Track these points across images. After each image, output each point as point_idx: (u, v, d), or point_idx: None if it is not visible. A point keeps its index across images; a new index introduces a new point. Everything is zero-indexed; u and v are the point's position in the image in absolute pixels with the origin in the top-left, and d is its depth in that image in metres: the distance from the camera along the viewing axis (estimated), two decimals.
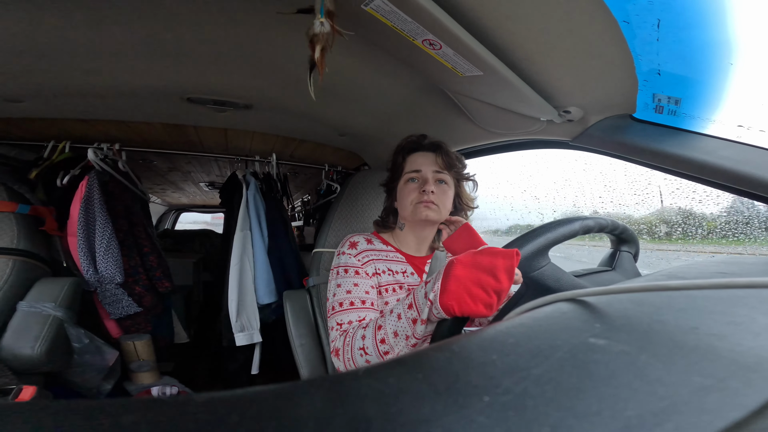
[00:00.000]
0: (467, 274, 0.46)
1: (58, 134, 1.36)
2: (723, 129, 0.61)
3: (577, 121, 0.77)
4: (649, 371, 0.17)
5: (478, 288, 0.45)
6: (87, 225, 1.27)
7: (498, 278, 0.45)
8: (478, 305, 0.44)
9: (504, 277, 0.45)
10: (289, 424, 0.13)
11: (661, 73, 0.57)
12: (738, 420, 0.13)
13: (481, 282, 0.45)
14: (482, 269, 0.46)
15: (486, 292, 0.45)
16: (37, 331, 0.99)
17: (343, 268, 0.76)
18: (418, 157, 0.81)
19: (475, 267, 0.46)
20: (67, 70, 0.89)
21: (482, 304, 0.44)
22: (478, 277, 0.45)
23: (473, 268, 0.46)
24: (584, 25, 0.52)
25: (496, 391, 0.16)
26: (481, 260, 0.46)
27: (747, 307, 0.26)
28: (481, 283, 0.45)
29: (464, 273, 0.46)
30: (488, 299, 0.44)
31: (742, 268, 0.41)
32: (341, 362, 0.64)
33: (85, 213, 1.27)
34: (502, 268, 0.45)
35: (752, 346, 0.19)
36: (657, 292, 0.29)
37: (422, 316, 0.50)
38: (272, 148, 1.69)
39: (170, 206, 4.19)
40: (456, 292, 0.45)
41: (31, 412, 0.13)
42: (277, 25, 0.72)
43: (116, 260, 1.28)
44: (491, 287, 0.45)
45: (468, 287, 0.45)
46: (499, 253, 0.46)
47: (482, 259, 0.46)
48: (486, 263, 0.46)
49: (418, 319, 0.51)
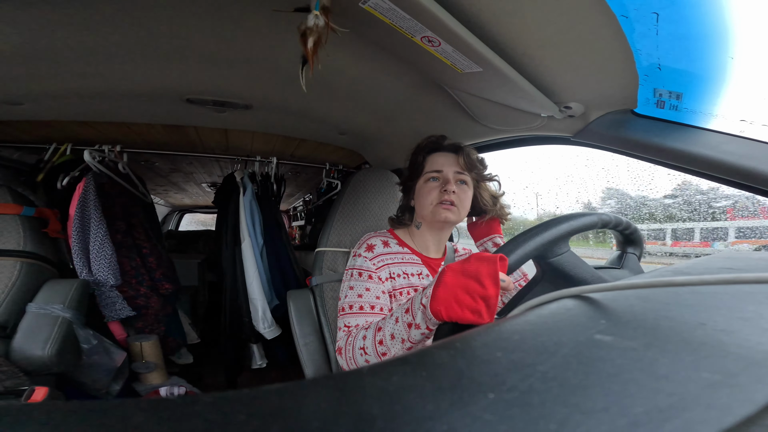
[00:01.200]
0: (455, 281, 0.47)
1: (60, 137, 1.37)
2: (725, 123, 0.60)
3: (578, 117, 0.77)
4: (656, 367, 0.17)
5: (464, 294, 0.46)
6: (82, 226, 1.28)
7: (483, 284, 0.45)
8: (465, 311, 0.45)
9: (489, 283, 0.45)
10: (295, 422, 0.13)
11: (662, 68, 0.57)
12: (748, 416, 0.13)
13: (467, 288, 0.46)
14: (469, 276, 0.47)
15: (472, 298, 0.45)
16: (47, 333, 1.01)
17: (357, 270, 0.77)
18: (439, 157, 0.81)
19: (462, 274, 0.48)
20: (67, 72, 0.90)
21: (468, 310, 0.45)
22: (465, 283, 0.47)
23: (461, 275, 0.48)
24: (583, 20, 0.52)
25: (501, 388, 0.15)
26: (468, 267, 0.47)
27: (755, 302, 0.25)
28: (468, 289, 0.46)
29: (452, 280, 0.48)
30: (474, 305, 0.45)
31: (748, 263, 0.40)
32: (344, 360, 0.67)
33: (81, 214, 1.28)
34: (486, 274, 0.46)
35: (761, 342, 0.19)
36: (664, 288, 0.28)
37: (416, 321, 0.52)
38: (273, 147, 1.69)
39: (173, 207, 4.21)
40: (444, 298, 0.47)
41: (45, 413, 0.13)
42: (276, 25, 0.72)
43: (109, 262, 1.28)
44: (477, 293, 0.45)
45: (455, 293, 0.46)
46: (485, 259, 0.47)
47: (469, 266, 0.48)
48: (472, 270, 0.47)
49: (413, 323, 0.53)
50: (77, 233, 1.25)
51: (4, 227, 1.13)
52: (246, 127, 1.46)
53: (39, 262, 1.16)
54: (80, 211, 1.28)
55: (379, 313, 0.73)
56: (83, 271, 1.25)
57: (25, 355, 0.97)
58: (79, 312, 1.13)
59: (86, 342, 1.12)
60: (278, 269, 1.66)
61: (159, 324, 1.51)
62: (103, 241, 1.28)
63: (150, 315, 1.48)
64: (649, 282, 0.26)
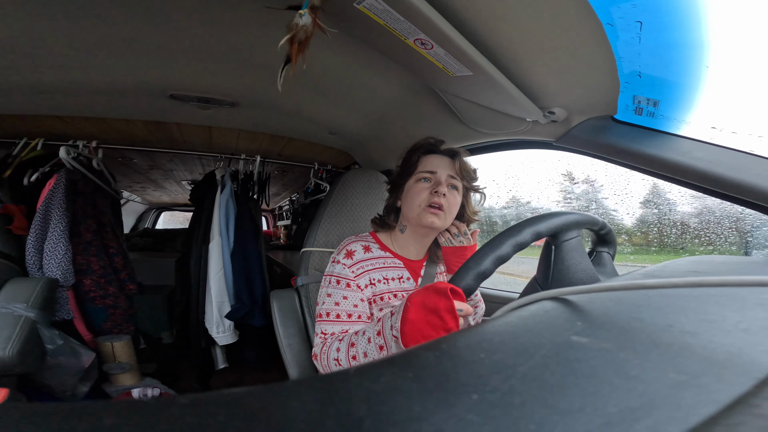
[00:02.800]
0: (419, 316, 0.49)
1: (33, 131, 1.30)
2: (697, 130, 0.63)
3: (560, 122, 0.79)
4: (628, 368, 0.18)
5: (429, 329, 0.47)
6: (43, 223, 1.23)
7: (443, 319, 0.47)
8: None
9: (448, 317, 0.46)
10: (279, 424, 0.13)
11: (642, 75, 0.59)
12: (711, 415, 0.14)
13: (430, 323, 0.47)
14: (429, 310, 0.48)
15: (436, 331, 0.47)
16: (8, 332, 0.96)
17: (335, 278, 0.76)
18: (434, 159, 0.80)
19: (424, 308, 0.49)
20: (42, 65, 0.85)
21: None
22: (427, 318, 0.48)
23: (423, 310, 0.49)
24: (571, 27, 0.53)
25: (485, 389, 0.16)
26: (428, 302, 0.48)
27: (718, 305, 0.27)
28: (431, 323, 0.47)
29: (415, 316, 0.49)
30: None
31: (713, 266, 0.43)
32: (320, 366, 0.70)
33: (44, 211, 1.23)
34: (444, 309, 0.47)
35: (723, 343, 0.20)
36: (635, 291, 0.30)
37: (391, 351, 0.54)
38: (259, 146, 1.66)
39: (150, 205, 4.06)
40: (411, 335, 0.48)
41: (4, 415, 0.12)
42: (264, 22, 0.71)
43: (59, 261, 1.23)
44: (440, 327, 0.47)
45: (421, 329, 0.48)
46: (441, 293, 0.47)
47: (428, 300, 0.48)
48: (431, 305, 0.48)
49: (384, 347, 0.56)
50: (36, 230, 1.21)
51: None
52: (231, 125, 1.42)
53: (2, 260, 1.12)
54: (44, 208, 1.23)
55: (356, 321, 0.73)
56: (34, 269, 1.21)
57: None
58: (44, 311, 1.09)
59: (51, 342, 1.08)
60: (244, 273, 1.56)
61: (128, 324, 1.47)
62: (59, 240, 1.23)
63: (118, 315, 1.44)
64: (622, 285, 0.27)
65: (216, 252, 1.49)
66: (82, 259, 1.34)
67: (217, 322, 1.46)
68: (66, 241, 1.25)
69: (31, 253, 1.20)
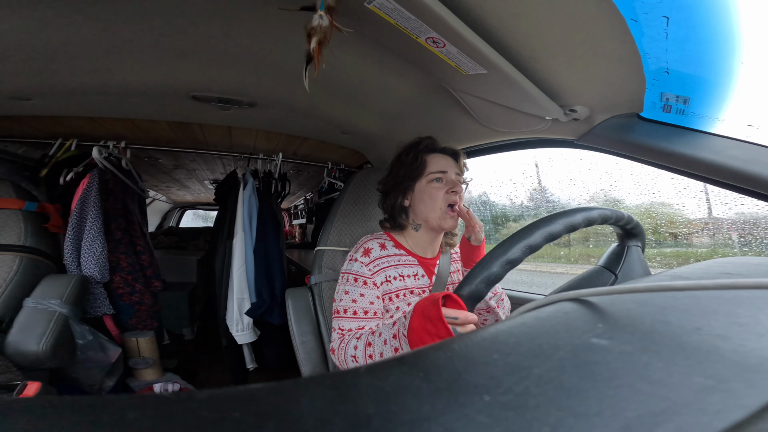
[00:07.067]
0: (420, 324, 0.52)
1: (66, 132, 1.37)
2: (732, 128, 0.60)
3: (582, 120, 0.76)
4: (650, 372, 0.17)
5: (428, 336, 0.51)
6: (79, 222, 1.28)
7: (437, 327, 0.50)
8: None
9: (440, 326, 0.49)
10: (290, 421, 0.13)
11: (670, 72, 0.56)
12: (738, 421, 0.13)
13: (428, 330, 0.51)
14: (427, 319, 0.51)
15: (432, 339, 0.50)
16: (42, 328, 1.01)
17: (353, 276, 0.78)
18: (440, 159, 0.82)
19: (423, 316, 0.52)
20: (74, 68, 0.90)
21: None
22: (425, 326, 0.52)
23: (422, 318, 0.52)
24: (591, 22, 0.52)
25: (497, 390, 0.16)
26: (426, 311, 0.52)
27: (752, 308, 0.25)
28: (428, 331, 0.51)
29: (417, 323, 0.53)
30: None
31: (747, 268, 0.40)
32: (337, 360, 0.72)
33: (80, 210, 1.29)
34: (436, 318, 0.50)
35: (756, 347, 0.19)
36: (661, 293, 0.28)
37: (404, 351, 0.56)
38: (276, 145, 1.69)
39: (175, 204, 4.22)
40: (415, 341, 0.53)
41: (35, 408, 0.13)
42: (281, 24, 0.72)
43: (97, 259, 1.28)
44: (435, 335, 0.50)
45: (421, 336, 0.52)
46: (434, 303, 0.51)
47: (426, 309, 0.52)
48: (428, 313, 0.51)
49: (400, 349, 0.58)
50: (73, 229, 1.26)
51: (6, 222, 1.14)
52: (250, 125, 1.46)
53: (38, 257, 1.17)
54: (80, 207, 1.28)
55: (372, 317, 0.75)
56: (72, 266, 1.26)
57: (20, 350, 0.96)
58: (77, 307, 1.13)
59: (81, 337, 1.12)
60: (265, 269, 1.57)
61: (152, 320, 1.52)
62: (95, 238, 1.28)
63: (143, 311, 1.49)
64: (647, 286, 0.26)
65: (239, 247, 1.51)
66: (112, 257, 1.38)
67: (237, 320, 1.49)
68: (102, 239, 1.30)
69: (69, 251, 1.25)
